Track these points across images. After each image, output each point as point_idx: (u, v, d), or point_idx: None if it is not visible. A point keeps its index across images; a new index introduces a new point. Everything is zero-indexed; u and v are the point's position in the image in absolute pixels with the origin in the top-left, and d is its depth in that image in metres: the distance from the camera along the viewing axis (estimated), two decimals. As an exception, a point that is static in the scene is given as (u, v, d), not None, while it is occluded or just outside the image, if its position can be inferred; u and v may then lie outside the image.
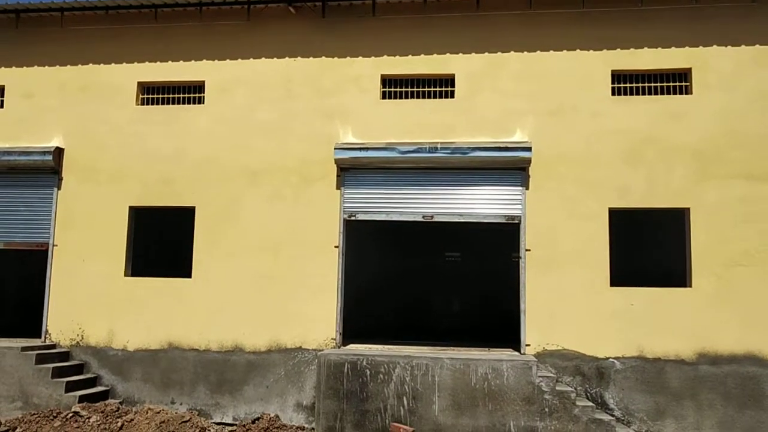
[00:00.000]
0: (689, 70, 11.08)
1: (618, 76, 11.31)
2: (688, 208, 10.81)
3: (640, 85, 11.26)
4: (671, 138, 10.92)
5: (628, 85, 11.29)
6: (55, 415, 9.39)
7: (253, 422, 8.76)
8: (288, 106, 11.87)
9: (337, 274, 11.35)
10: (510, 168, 11.15)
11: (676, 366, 10.48)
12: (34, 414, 9.48)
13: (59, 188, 12.23)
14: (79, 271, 11.96)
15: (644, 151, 10.94)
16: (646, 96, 11.18)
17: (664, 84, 11.20)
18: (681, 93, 11.15)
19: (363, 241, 13.78)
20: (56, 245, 12.09)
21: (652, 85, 11.22)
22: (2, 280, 15.31)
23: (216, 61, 12.13)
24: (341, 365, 10.30)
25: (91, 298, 11.87)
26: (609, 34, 11.25)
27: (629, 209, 11.05)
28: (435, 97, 11.69)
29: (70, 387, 10.96)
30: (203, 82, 12.18)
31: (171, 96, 12.36)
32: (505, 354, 10.79)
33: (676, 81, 11.20)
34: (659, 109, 11.02)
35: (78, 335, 11.87)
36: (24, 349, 11.15)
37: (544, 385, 9.91)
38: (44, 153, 12.04)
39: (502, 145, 11.04)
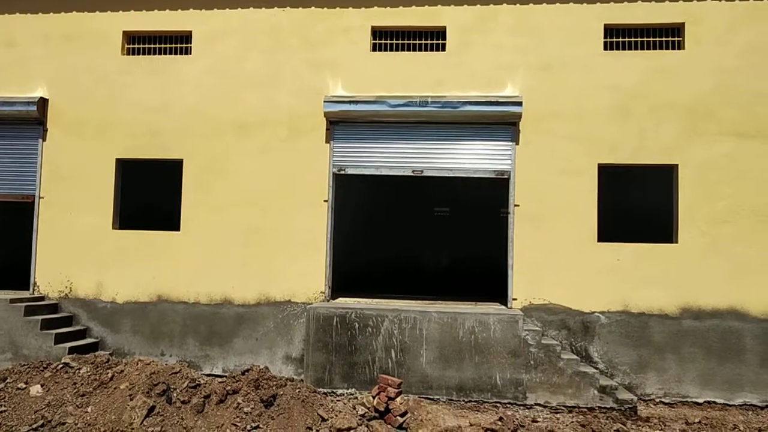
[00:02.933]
0: (682, 24, 10.98)
1: (611, 30, 11.19)
2: (677, 165, 10.83)
3: (632, 39, 11.15)
4: (662, 94, 10.87)
5: (620, 39, 11.18)
6: (45, 366, 9.41)
7: (243, 374, 8.83)
8: (277, 57, 11.69)
9: (326, 228, 11.35)
10: (500, 123, 11.10)
11: (659, 320, 10.65)
12: (24, 365, 9.49)
13: (44, 140, 12.06)
14: (66, 223, 11.89)
15: (635, 107, 10.91)
16: (639, 51, 11.10)
17: (657, 39, 11.11)
18: (674, 48, 11.06)
19: (352, 195, 13.76)
20: (43, 197, 11.98)
21: (645, 39, 11.12)
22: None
23: (203, 10, 11.87)
24: (330, 318, 10.39)
25: (79, 250, 11.83)
26: (603, -13, 11.10)
27: (619, 165, 11.05)
28: (426, 49, 11.54)
29: (60, 339, 11.01)
30: (190, 32, 11.94)
31: (158, 46, 12.11)
32: (492, 308, 10.92)
33: (669, 36, 11.10)
34: (651, 65, 10.95)
35: (66, 287, 11.86)
36: (12, 301, 11.14)
37: (530, 339, 10.06)
38: (28, 103, 11.82)
39: (492, 100, 10.97)
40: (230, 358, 11.37)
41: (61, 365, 9.38)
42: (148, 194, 14.23)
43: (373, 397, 8.44)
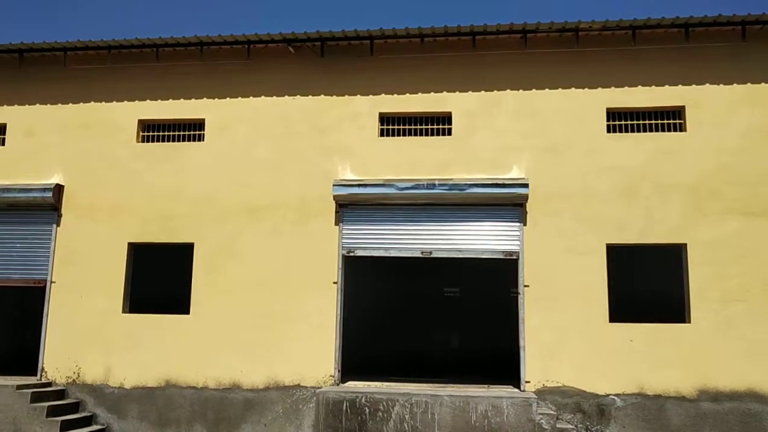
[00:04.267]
0: (683, 107, 11.25)
1: (613, 114, 11.46)
2: (685, 244, 10.86)
3: (635, 122, 11.41)
4: (666, 174, 11.02)
5: (623, 122, 11.44)
6: (49, 455, 9.26)
7: (251, 461, 8.66)
8: (287, 143, 11.99)
9: (335, 310, 11.33)
10: (507, 204, 11.23)
11: (676, 402, 10.41)
12: (28, 454, 9.35)
13: (58, 225, 12.26)
14: (76, 307, 11.92)
15: (640, 188, 11.04)
16: (641, 133, 11.33)
17: (659, 121, 11.37)
18: (675, 130, 11.30)
19: (362, 276, 13.78)
20: (54, 282, 12.06)
21: (647, 122, 11.38)
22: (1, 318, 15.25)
23: (216, 99, 12.29)
24: (340, 403, 10.22)
25: (89, 334, 11.81)
26: (603, 73, 11.45)
27: (627, 245, 11.09)
28: (432, 134, 11.82)
29: (65, 426, 10.82)
30: (203, 119, 12.31)
31: (172, 133, 12.47)
32: (505, 391, 10.72)
33: (671, 118, 11.36)
34: (654, 146, 11.16)
35: (74, 372, 11.77)
36: (19, 387, 11.03)
37: (544, 423, 9.82)
38: (44, 190, 12.09)
39: (499, 182, 11.14)
40: (238, 445, 11.14)
41: (66, 454, 9.21)
42: (159, 278, 14.29)
43: (385, 486, 8.20)
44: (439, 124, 11.83)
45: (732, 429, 10.23)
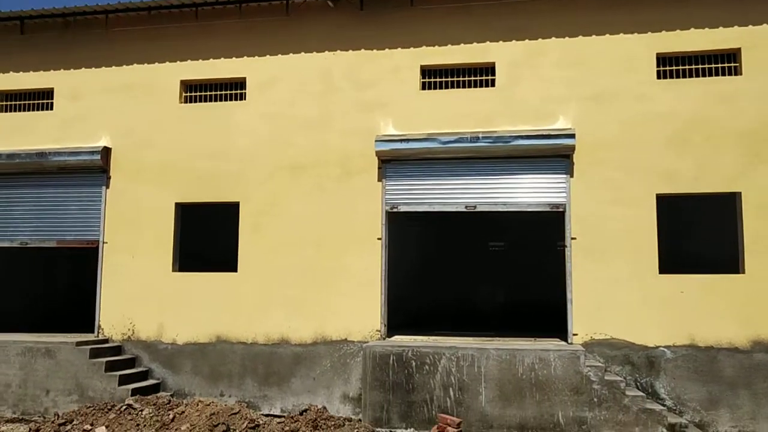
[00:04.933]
0: (738, 50, 10.76)
1: (663, 59, 11.03)
2: (740, 193, 10.50)
3: (686, 67, 10.97)
4: (720, 121, 10.62)
5: (674, 68, 11.01)
6: (109, 407, 9.60)
7: (301, 414, 8.82)
8: (328, 99, 11.92)
9: (380, 266, 11.37)
10: (553, 155, 11.00)
11: (729, 354, 10.22)
12: (89, 407, 9.70)
13: (108, 187, 12.52)
14: (128, 267, 12.24)
15: (692, 135, 10.67)
16: (693, 78, 10.90)
17: (712, 65, 10.90)
18: (730, 74, 10.83)
19: (406, 232, 13.77)
20: (106, 242, 12.38)
21: (700, 66, 10.92)
22: (56, 277, 15.80)
23: (256, 57, 12.24)
24: (387, 357, 10.33)
25: (141, 293, 12.14)
26: (653, 17, 10.99)
27: (677, 195, 10.79)
28: (475, 86, 11.59)
29: (123, 380, 11.24)
30: (244, 78, 12.31)
31: (213, 93, 12.52)
32: (552, 344, 10.67)
33: (725, 62, 10.88)
34: (707, 92, 10.73)
35: (129, 330, 12.15)
36: (78, 344, 11.46)
37: (592, 375, 9.77)
38: (92, 153, 12.33)
39: (544, 133, 10.90)
40: (288, 397, 11.39)
41: (124, 407, 9.55)
42: (208, 237, 14.55)
43: (433, 437, 8.30)
44: (482, 75, 11.58)
45: (787, 380, 10.02)
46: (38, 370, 11.37)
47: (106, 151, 12.45)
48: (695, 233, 13.74)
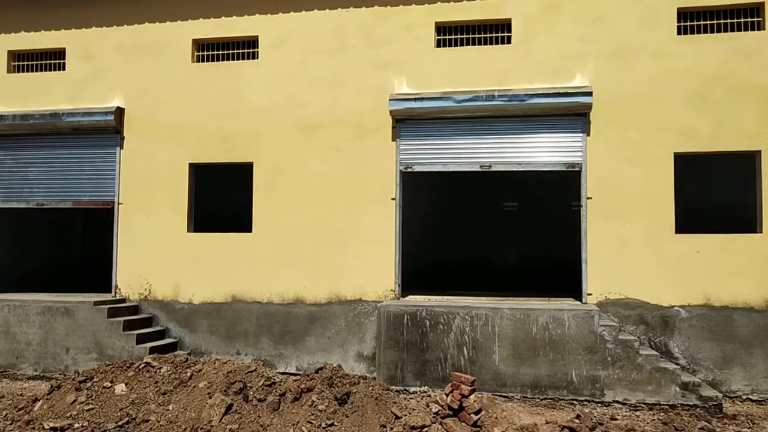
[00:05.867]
0: (762, 4, 10.47)
1: (684, 14, 10.77)
2: (759, 151, 10.33)
3: (708, 22, 10.70)
4: (741, 77, 10.39)
5: (695, 23, 10.75)
6: (128, 365, 9.74)
7: (317, 372, 8.91)
8: (341, 58, 11.77)
9: (394, 226, 11.36)
10: (570, 114, 10.84)
11: (744, 314, 10.18)
12: (108, 365, 9.85)
13: (122, 147, 12.52)
14: (144, 227, 12.31)
15: (712, 93, 10.46)
16: (715, 34, 10.64)
17: (735, 20, 10.62)
18: (753, 29, 10.56)
19: (420, 192, 13.72)
20: (122, 203, 12.43)
21: (722, 21, 10.65)
22: (72, 238, 15.95)
23: (269, 14, 12.07)
24: (401, 316, 10.38)
25: (157, 253, 12.23)
26: (674, -30, 10.70)
27: (695, 153, 10.63)
28: (491, 43, 11.38)
29: (141, 339, 11.41)
30: (257, 37, 12.16)
31: (226, 52, 12.40)
32: (566, 303, 10.68)
33: (748, 16, 10.60)
34: (729, 47, 10.47)
35: (146, 290, 12.28)
36: (96, 303, 11.61)
37: (606, 334, 9.79)
38: (106, 113, 12.30)
39: (561, 91, 10.72)
40: (303, 356, 11.53)
41: (143, 365, 9.69)
42: (223, 197, 14.58)
43: (447, 395, 8.36)
44: (497, 32, 11.36)
45: (803, 340, 9.99)
46: (57, 329, 11.56)
47: (119, 112, 12.42)
48: (715, 192, 13.58)
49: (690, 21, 10.77)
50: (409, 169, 11.43)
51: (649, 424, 8.53)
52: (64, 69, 12.93)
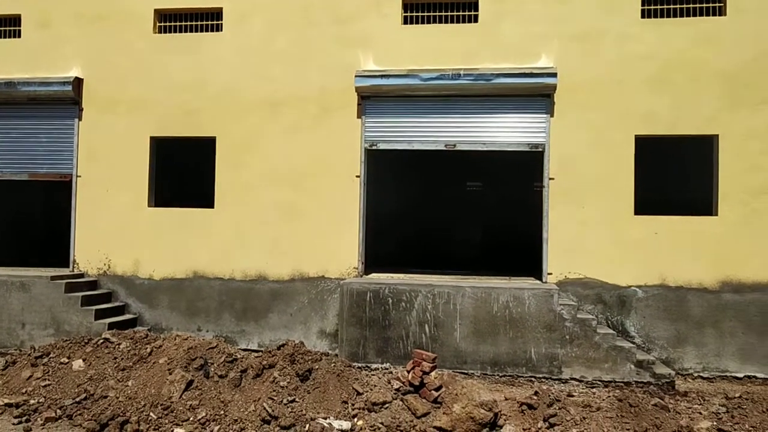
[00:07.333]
0: (724, -10, 10.64)
1: (648, -2, 10.90)
2: (717, 135, 10.56)
3: (671, 6, 10.83)
4: (702, 62, 10.57)
5: (658, 6, 10.87)
6: (86, 341, 9.62)
7: (279, 348, 8.92)
8: (307, 34, 11.62)
9: (358, 204, 11.35)
10: (534, 95, 10.92)
11: (698, 294, 10.47)
12: (66, 340, 9.72)
13: (80, 119, 12.21)
14: (103, 201, 12.07)
15: (673, 77, 10.63)
16: (677, 18, 10.78)
17: (697, 5, 10.77)
18: (715, 14, 10.72)
19: (384, 170, 13.71)
20: (80, 176, 12.16)
21: (685, 6, 10.79)
22: (29, 212, 15.56)
23: (233, -14, 11.85)
24: (364, 294, 10.42)
25: (117, 228, 12.02)
26: (640, -47, 10.78)
27: (656, 137, 10.81)
28: (458, 21, 11.36)
29: (100, 315, 11.23)
30: (221, 8, 11.92)
31: (188, 23, 12.14)
32: (527, 282, 10.84)
33: (710, 2, 10.75)
34: (691, 33, 10.64)
35: (105, 264, 12.08)
36: (53, 278, 11.38)
37: (565, 313, 9.96)
38: (63, 83, 11.97)
39: (526, 71, 10.78)
40: (265, 333, 11.50)
41: (101, 340, 9.58)
42: (187, 173, 14.36)
43: (408, 372, 8.46)
44: (465, 10, 11.34)
45: (752, 319, 10.31)
46: (13, 304, 11.31)
47: (78, 82, 12.09)
48: (674, 175, 13.85)
49: (654, 4, 10.88)
50: (374, 147, 11.40)
51: (605, 400, 8.73)
52: (19, 36, 12.51)
